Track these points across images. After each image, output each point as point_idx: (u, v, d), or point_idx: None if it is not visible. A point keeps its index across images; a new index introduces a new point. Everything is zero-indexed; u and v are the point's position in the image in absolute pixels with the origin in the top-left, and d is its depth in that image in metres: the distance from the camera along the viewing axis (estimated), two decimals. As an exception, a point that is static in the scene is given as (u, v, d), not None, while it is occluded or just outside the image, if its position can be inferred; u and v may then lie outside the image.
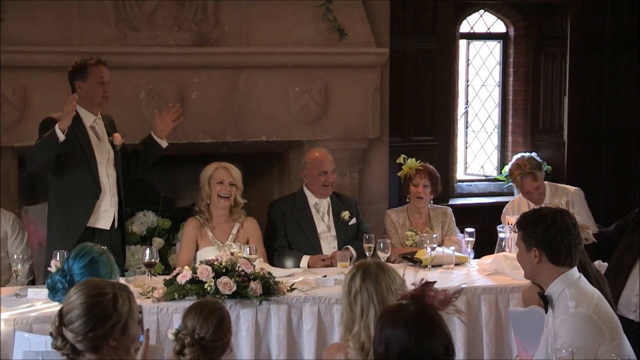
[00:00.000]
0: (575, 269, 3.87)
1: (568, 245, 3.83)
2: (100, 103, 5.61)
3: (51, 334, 3.06)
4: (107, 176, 5.61)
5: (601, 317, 3.73)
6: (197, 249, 5.77)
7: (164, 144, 5.81)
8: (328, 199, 6.14)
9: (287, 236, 6.01)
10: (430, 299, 3.01)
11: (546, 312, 3.90)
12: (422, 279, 3.03)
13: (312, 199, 6.11)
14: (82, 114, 5.55)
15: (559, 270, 3.83)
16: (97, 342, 2.99)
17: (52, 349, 3.10)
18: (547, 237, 3.82)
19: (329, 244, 6.04)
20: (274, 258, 5.89)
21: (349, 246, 5.98)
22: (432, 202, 6.36)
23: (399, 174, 6.35)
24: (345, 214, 6.10)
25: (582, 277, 3.89)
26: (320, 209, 6.12)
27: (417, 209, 6.26)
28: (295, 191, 6.27)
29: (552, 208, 4.00)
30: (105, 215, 5.61)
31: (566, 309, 3.73)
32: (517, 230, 3.96)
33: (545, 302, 3.86)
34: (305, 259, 5.88)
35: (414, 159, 6.28)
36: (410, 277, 3.52)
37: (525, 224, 3.90)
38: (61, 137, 5.24)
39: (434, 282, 3.06)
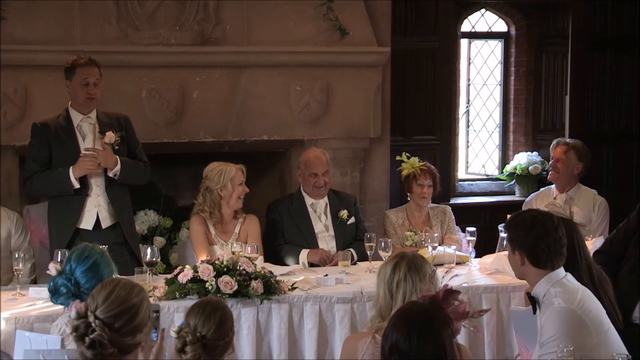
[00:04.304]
0: (560, 269, 3.92)
1: (547, 250, 3.88)
2: (84, 104, 5.58)
3: (78, 333, 3.02)
4: (92, 176, 5.56)
5: (585, 311, 3.78)
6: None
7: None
8: (325, 198, 6.13)
9: (285, 237, 6.01)
10: (448, 306, 3.04)
11: (534, 313, 3.93)
12: (447, 285, 3.10)
13: (308, 199, 6.10)
14: (71, 114, 5.61)
15: (542, 272, 3.89)
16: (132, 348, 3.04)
17: (53, 348, 3.09)
18: (526, 241, 3.90)
19: (327, 244, 6.04)
20: (271, 260, 5.85)
21: (350, 249, 5.97)
22: (430, 201, 6.36)
23: (399, 169, 6.31)
24: (344, 213, 6.09)
25: (569, 275, 3.92)
26: (318, 209, 6.11)
27: (418, 207, 6.25)
28: (294, 192, 6.27)
29: (535, 211, 4.05)
30: (86, 216, 5.59)
31: (551, 306, 3.78)
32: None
33: (533, 302, 3.90)
34: (304, 252, 5.89)
35: (416, 158, 6.27)
36: (441, 279, 3.62)
37: (509, 226, 4.00)
38: (76, 185, 5.47)
39: (459, 292, 3.10)
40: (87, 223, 5.59)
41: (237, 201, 5.76)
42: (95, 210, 5.60)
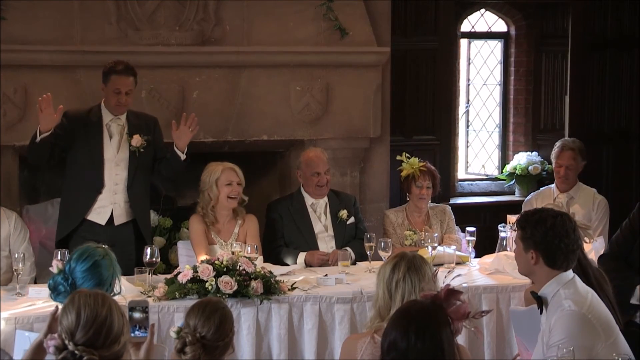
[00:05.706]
0: (570, 271, 3.89)
1: (565, 250, 3.84)
2: (114, 109, 5.74)
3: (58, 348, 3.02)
4: (112, 174, 5.70)
5: (595, 315, 3.76)
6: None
7: (182, 156, 5.80)
8: (325, 198, 6.13)
9: (284, 237, 6.01)
10: (450, 306, 3.04)
11: (540, 313, 3.92)
12: (449, 284, 3.09)
13: (309, 199, 6.10)
14: (103, 112, 5.76)
15: (554, 273, 3.86)
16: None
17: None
18: (545, 240, 3.84)
19: (326, 244, 6.03)
20: (271, 260, 5.85)
21: (347, 248, 5.97)
22: (430, 201, 6.35)
23: (398, 168, 6.30)
24: (343, 213, 6.09)
25: (576, 277, 3.91)
26: (318, 208, 6.11)
27: (418, 208, 6.25)
28: (294, 191, 6.27)
29: (553, 211, 3.99)
30: (100, 211, 5.70)
31: (561, 308, 3.75)
32: (517, 228, 3.97)
33: (539, 302, 3.88)
34: (302, 256, 5.88)
35: (416, 159, 6.27)
36: (444, 279, 3.62)
37: (525, 224, 3.91)
38: (38, 138, 5.47)
39: (461, 292, 3.09)
40: (100, 217, 5.70)
41: (227, 201, 5.75)
42: (111, 207, 5.71)
